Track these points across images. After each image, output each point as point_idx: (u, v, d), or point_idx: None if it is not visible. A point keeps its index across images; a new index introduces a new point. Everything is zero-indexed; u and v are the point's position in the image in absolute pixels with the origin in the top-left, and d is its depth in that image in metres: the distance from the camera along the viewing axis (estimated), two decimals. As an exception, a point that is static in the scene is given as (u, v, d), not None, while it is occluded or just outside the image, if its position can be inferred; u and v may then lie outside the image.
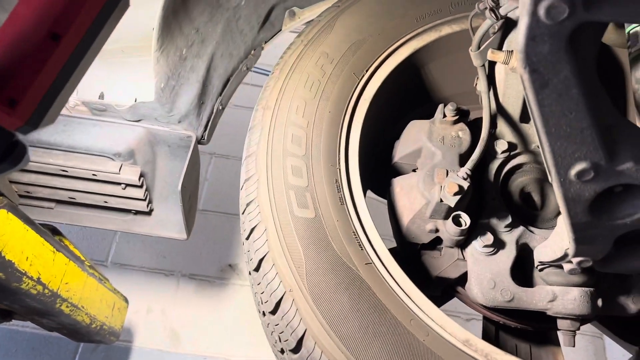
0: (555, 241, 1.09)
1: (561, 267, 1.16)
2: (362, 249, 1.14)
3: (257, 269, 1.14)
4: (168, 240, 2.58)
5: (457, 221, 1.24)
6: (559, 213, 1.41)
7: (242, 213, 1.21)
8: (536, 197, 1.44)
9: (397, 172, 1.46)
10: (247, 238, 1.17)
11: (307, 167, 1.20)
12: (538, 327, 1.36)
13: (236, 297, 2.84)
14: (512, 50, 1.16)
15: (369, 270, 1.11)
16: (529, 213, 1.40)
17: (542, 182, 1.44)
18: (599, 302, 1.19)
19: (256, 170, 1.20)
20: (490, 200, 1.36)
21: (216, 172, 3.13)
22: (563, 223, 1.05)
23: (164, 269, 2.93)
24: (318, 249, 1.10)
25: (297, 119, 1.26)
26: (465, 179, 1.21)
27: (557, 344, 1.47)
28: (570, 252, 1.01)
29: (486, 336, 1.46)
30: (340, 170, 1.24)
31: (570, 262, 1.07)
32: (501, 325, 1.40)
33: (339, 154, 1.26)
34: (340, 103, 1.32)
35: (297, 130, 1.24)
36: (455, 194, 1.18)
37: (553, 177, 0.86)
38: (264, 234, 1.12)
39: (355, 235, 1.15)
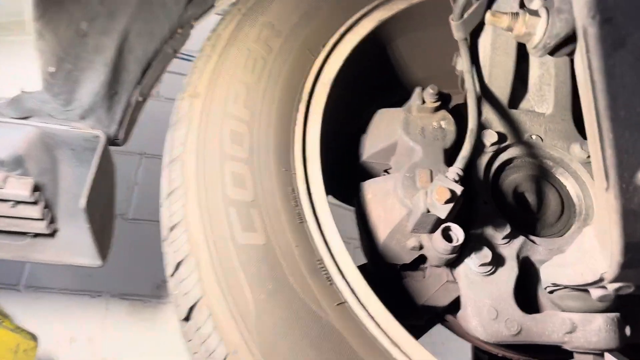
0: (583, 261, 0.83)
1: (584, 290, 0.91)
2: (331, 284, 0.84)
3: (187, 319, 0.82)
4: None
5: (447, 235, 0.97)
6: (560, 217, 1.17)
7: (164, 241, 0.88)
8: (531, 198, 1.19)
9: (366, 173, 1.18)
10: (172, 275, 0.85)
11: (252, 175, 0.89)
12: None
13: (174, 317, 2.48)
14: (517, 12, 0.88)
15: (342, 313, 0.81)
16: (526, 218, 1.15)
17: (538, 179, 1.20)
18: (627, 330, 0.96)
19: (182, 180, 0.88)
20: (482, 204, 1.10)
21: (147, 175, 2.74)
22: (593, 238, 0.80)
23: (89, 290, 2.53)
24: (271, 288, 0.79)
25: (237, 110, 0.95)
26: (457, 182, 0.94)
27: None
28: (610, 276, 0.76)
29: (478, 368, 1.21)
30: (296, 176, 0.94)
31: (603, 287, 0.82)
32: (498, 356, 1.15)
33: (294, 154, 0.96)
34: (292, 88, 1.02)
35: (237, 124, 0.93)
36: (447, 202, 0.91)
37: (611, 182, 0.60)
38: (194, 271, 0.81)
39: (320, 264, 0.86)
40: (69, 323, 2.43)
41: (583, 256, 0.83)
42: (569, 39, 0.70)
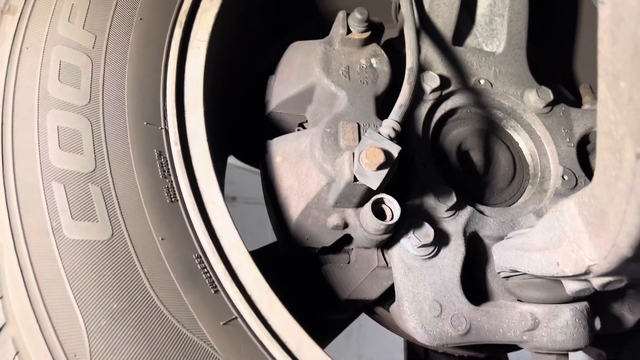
0: (560, 247, 0.62)
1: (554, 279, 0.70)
2: (216, 291, 0.57)
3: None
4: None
5: (379, 211, 0.73)
6: (511, 180, 0.97)
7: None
8: (477, 157, 0.98)
9: (275, 127, 0.90)
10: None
11: (92, 132, 0.58)
12: (493, 355, 0.93)
13: None
14: None
15: (233, 336, 0.55)
16: (472, 182, 0.94)
17: (486, 134, 0.98)
18: (597, 323, 0.77)
19: (-23, 141, 0.56)
20: (421, 167, 0.86)
21: None
22: (578, 219, 0.58)
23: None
24: (118, 309, 0.51)
25: (73, 33, 0.63)
26: (392, 139, 0.70)
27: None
28: (602, 269, 0.55)
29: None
30: (168, 132, 0.65)
31: (586, 280, 0.61)
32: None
33: (164, 100, 0.66)
34: (163, 3, 0.71)
35: (71, 54, 0.62)
36: (380, 168, 0.66)
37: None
38: (-6, 285, 0.51)
39: (201, 263, 0.58)
40: None
41: (560, 241, 0.62)
42: None
